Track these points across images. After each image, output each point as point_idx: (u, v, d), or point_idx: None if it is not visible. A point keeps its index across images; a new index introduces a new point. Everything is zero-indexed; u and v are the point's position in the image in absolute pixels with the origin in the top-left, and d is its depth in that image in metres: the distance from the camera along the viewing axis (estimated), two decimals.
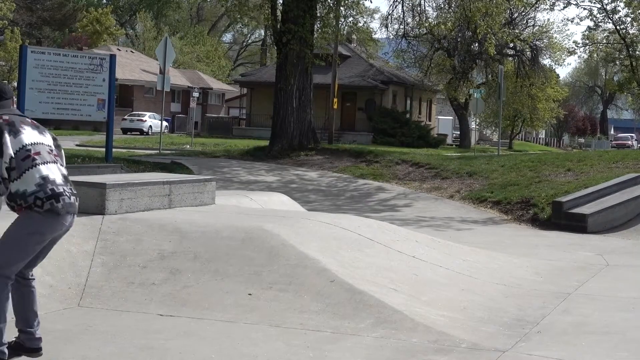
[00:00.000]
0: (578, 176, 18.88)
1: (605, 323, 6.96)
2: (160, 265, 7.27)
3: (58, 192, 4.91)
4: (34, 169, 4.86)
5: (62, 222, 4.99)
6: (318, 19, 28.47)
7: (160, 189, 9.21)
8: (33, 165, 4.86)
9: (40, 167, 4.89)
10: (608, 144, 76.60)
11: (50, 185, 4.89)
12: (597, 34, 43.91)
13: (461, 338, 6.14)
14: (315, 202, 18.15)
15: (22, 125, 4.95)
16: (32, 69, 17.23)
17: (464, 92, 50.09)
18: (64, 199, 4.94)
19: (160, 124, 36.46)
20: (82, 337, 5.91)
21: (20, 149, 4.85)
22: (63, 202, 4.93)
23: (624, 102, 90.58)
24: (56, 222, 4.96)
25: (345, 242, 8.27)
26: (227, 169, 23.11)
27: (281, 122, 27.62)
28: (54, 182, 4.93)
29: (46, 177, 4.89)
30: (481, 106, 39.93)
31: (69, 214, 5.01)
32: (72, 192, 5.07)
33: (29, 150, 4.88)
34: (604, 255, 11.53)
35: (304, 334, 6.14)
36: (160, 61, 29.91)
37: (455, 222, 15.60)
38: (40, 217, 4.87)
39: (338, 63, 42.31)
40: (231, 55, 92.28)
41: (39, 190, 4.85)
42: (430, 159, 24.72)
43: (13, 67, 44.81)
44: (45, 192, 4.86)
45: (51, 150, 5.05)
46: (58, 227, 5.00)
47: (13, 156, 4.80)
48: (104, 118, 18.61)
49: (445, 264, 8.73)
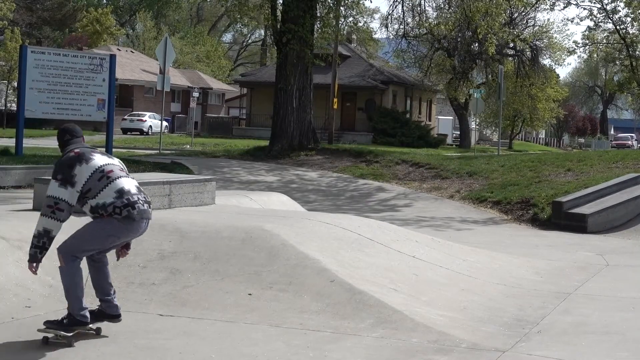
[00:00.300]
0: (578, 176, 18.88)
1: (605, 323, 6.96)
2: (160, 265, 7.27)
3: (133, 201, 5.69)
4: (110, 185, 5.68)
5: (137, 226, 5.77)
6: (318, 19, 28.47)
7: (161, 189, 9.22)
8: (108, 182, 5.68)
9: (115, 182, 5.70)
10: (608, 144, 76.59)
11: (126, 195, 5.69)
12: (597, 34, 43.89)
13: (461, 338, 6.14)
14: (315, 202, 18.16)
15: (92, 154, 5.77)
16: (32, 69, 17.25)
17: (464, 92, 50.09)
18: (138, 206, 5.71)
19: (160, 124, 36.47)
20: (83, 338, 5.91)
21: (95, 171, 5.67)
22: (138, 210, 5.70)
23: (624, 102, 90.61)
24: (132, 227, 5.74)
25: (345, 242, 8.28)
26: (227, 169, 23.10)
27: (281, 122, 27.61)
28: (129, 192, 5.72)
29: (121, 189, 5.70)
30: (481, 106, 39.94)
31: (143, 219, 5.79)
32: (146, 199, 5.84)
33: (102, 171, 5.70)
34: (604, 255, 11.53)
35: (304, 334, 6.14)
36: (160, 61, 29.91)
37: (455, 222, 15.60)
38: (118, 223, 5.67)
39: (338, 63, 42.32)
40: (231, 55, 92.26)
41: (117, 200, 5.64)
42: (430, 159, 24.72)
43: (13, 67, 44.77)
44: (122, 201, 5.65)
45: (122, 169, 5.89)
46: (134, 231, 5.80)
47: (85, 182, 5.62)
48: (104, 118, 18.62)
49: (445, 264, 8.73)
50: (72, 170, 5.62)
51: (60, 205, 5.58)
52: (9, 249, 7.11)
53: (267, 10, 28.49)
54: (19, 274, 6.86)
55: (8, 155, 17.95)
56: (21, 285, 6.75)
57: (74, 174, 5.62)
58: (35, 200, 8.69)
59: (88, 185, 5.64)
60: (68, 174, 5.62)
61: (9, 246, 7.14)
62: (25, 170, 14.82)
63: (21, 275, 6.85)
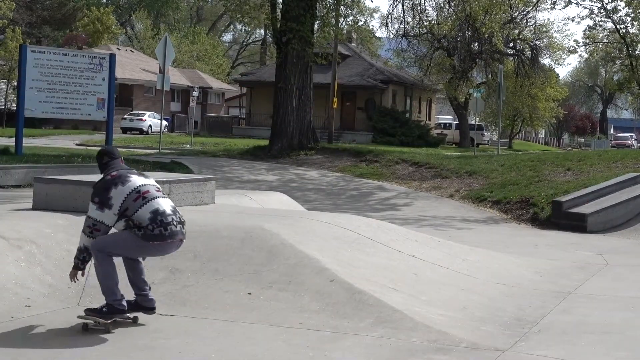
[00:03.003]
0: (578, 176, 18.88)
1: (605, 322, 6.96)
2: (160, 264, 7.27)
3: (167, 222, 6.03)
4: (146, 205, 6.01)
5: (169, 247, 6.14)
6: (318, 18, 28.47)
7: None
8: (144, 203, 6.02)
9: (151, 202, 6.05)
10: (608, 144, 76.47)
11: (160, 216, 6.02)
12: (597, 33, 43.86)
13: (461, 337, 6.14)
14: (316, 201, 18.15)
15: (129, 175, 6.13)
16: (32, 68, 17.24)
17: (463, 92, 50.06)
18: (171, 227, 6.04)
19: (160, 123, 36.48)
20: (82, 337, 5.92)
21: (131, 192, 6.02)
22: (170, 231, 6.04)
23: (623, 101, 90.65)
24: (162, 247, 6.11)
25: (345, 242, 8.27)
26: (227, 169, 23.10)
27: (281, 121, 27.61)
28: (164, 213, 6.05)
29: (156, 210, 6.03)
30: (481, 105, 39.92)
31: (175, 240, 6.12)
32: (180, 220, 6.16)
33: (138, 192, 6.03)
34: (603, 254, 11.52)
35: (303, 333, 6.14)
36: (160, 60, 29.90)
37: (455, 222, 15.60)
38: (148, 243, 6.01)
39: (338, 62, 42.32)
40: (231, 55, 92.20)
41: (151, 222, 5.98)
42: (430, 158, 24.73)
43: (13, 66, 44.74)
44: (156, 222, 5.99)
45: (158, 189, 6.22)
46: (163, 251, 6.21)
47: (122, 204, 5.97)
48: (104, 117, 18.62)
49: (445, 263, 8.73)
50: (108, 193, 6.00)
51: (97, 227, 6.02)
52: (9, 248, 7.10)
53: (268, 10, 28.50)
54: (19, 273, 6.86)
55: (8, 154, 17.94)
56: (21, 285, 6.75)
57: (110, 197, 5.99)
58: (35, 199, 8.67)
59: (125, 206, 5.99)
60: (104, 197, 6.00)
61: (9, 245, 7.13)
62: (25, 169, 14.82)
63: (21, 275, 6.85)
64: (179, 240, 6.17)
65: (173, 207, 6.19)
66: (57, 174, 12.07)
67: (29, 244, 7.26)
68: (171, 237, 6.05)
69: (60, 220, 7.94)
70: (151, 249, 6.10)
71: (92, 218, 6.03)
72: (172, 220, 6.06)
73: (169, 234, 6.02)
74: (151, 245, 6.03)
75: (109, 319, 6.05)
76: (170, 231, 6.02)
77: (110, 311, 6.08)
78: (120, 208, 5.98)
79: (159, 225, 5.97)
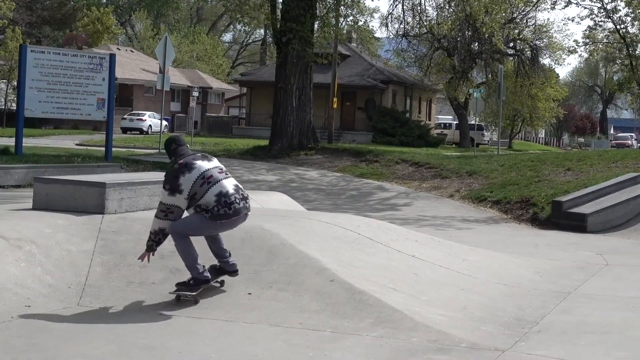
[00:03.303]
0: (578, 176, 18.88)
1: (605, 322, 6.96)
2: (160, 264, 7.27)
3: (230, 202, 6.66)
4: (211, 189, 6.63)
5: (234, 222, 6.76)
6: (318, 18, 28.47)
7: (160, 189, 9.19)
8: (209, 187, 6.64)
9: (215, 185, 6.66)
10: (608, 144, 76.46)
11: (223, 198, 6.64)
12: (597, 33, 43.85)
13: (461, 337, 6.14)
14: (316, 201, 18.16)
15: (194, 161, 6.72)
16: (32, 68, 17.23)
17: (463, 92, 50.03)
18: (234, 206, 6.67)
19: (160, 123, 36.46)
20: (82, 336, 5.92)
21: (197, 178, 6.63)
22: (234, 209, 6.67)
23: (623, 101, 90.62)
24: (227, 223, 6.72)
25: (345, 242, 8.27)
26: (227, 169, 23.08)
27: (281, 121, 27.62)
28: (227, 194, 6.67)
29: (219, 192, 6.65)
30: (481, 106, 39.90)
31: (240, 215, 6.75)
32: (242, 196, 6.80)
33: (203, 177, 6.65)
34: (603, 254, 11.52)
35: (303, 333, 6.14)
36: (160, 60, 29.86)
37: (455, 222, 15.60)
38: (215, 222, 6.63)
39: (338, 62, 42.30)
40: (231, 55, 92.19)
41: (217, 204, 6.60)
42: (430, 158, 24.74)
43: (13, 66, 44.73)
44: (220, 203, 6.61)
45: (221, 170, 6.86)
46: (230, 226, 6.80)
47: (190, 188, 6.60)
48: (104, 117, 18.61)
49: (445, 263, 8.73)
50: (177, 181, 6.64)
51: (171, 209, 6.66)
52: (9, 248, 7.10)
53: (267, 10, 28.50)
54: (19, 273, 6.86)
55: (8, 154, 17.94)
56: (21, 285, 6.75)
57: (180, 184, 6.63)
58: (35, 199, 8.66)
59: (193, 190, 6.63)
60: (175, 184, 6.65)
61: (9, 245, 7.13)
62: (25, 169, 14.82)
63: (20, 275, 6.85)
64: (244, 215, 6.80)
65: (236, 186, 6.81)
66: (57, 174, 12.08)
67: (29, 244, 7.27)
68: (236, 214, 6.68)
69: (60, 220, 7.94)
70: (220, 227, 6.73)
71: (165, 203, 6.66)
72: (235, 199, 6.68)
73: (234, 212, 6.65)
74: (219, 224, 6.66)
75: (196, 291, 6.75)
76: (234, 209, 6.66)
77: (196, 283, 6.74)
78: (189, 193, 6.60)
79: (223, 205, 6.59)
